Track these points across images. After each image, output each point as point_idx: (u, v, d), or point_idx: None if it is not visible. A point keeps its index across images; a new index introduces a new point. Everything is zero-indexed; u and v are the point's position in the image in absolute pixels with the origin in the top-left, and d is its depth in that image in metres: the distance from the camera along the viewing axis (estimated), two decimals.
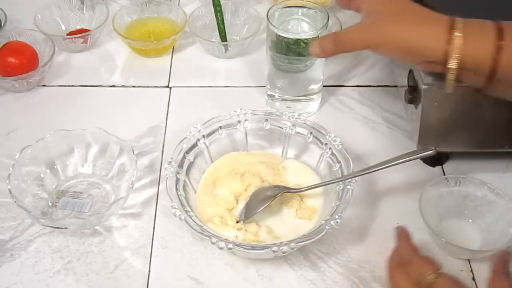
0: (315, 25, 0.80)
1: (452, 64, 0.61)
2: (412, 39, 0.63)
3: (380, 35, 0.64)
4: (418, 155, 0.70)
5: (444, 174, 0.79)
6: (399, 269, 0.61)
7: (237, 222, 0.71)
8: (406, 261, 0.61)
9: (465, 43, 0.60)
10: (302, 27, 0.82)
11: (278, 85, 0.85)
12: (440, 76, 0.64)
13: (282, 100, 0.86)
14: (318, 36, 0.78)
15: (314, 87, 0.85)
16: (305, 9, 0.82)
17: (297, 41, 0.79)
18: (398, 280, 0.61)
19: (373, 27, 0.65)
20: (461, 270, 0.69)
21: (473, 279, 0.69)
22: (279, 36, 0.79)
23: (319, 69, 0.83)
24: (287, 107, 0.86)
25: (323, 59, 0.82)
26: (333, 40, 0.68)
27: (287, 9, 0.82)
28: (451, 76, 0.62)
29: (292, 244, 0.64)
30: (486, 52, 0.59)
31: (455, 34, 0.60)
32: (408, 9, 0.65)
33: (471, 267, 0.70)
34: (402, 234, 0.66)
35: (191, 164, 0.75)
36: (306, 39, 0.78)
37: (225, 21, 0.98)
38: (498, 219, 0.71)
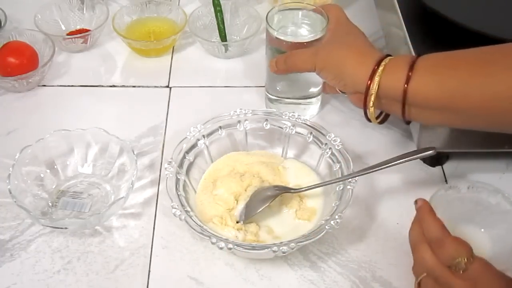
0: (314, 27, 0.80)
1: (371, 96, 0.68)
2: (348, 69, 0.70)
3: (324, 58, 0.73)
4: (418, 155, 0.70)
5: (444, 174, 0.79)
6: (425, 246, 0.58)
7: (237, 222, 0.71)
8: (433, 239, 0.58)
9: (382, 77, 0.67)
10: (301, 30, 0.82)
11: (278, 88, 0.85)
12: None
13: (281, 103, 0.86)
14: (317, 39, 0.78)
15: (314, 90, 0.85)
16: (304, 12, 0.81)
17: (296, 44, 0.78)
18: (426, 259, 0.58)
19: (321, 50, 0.74)
20: None
21: None
22: (278, 38, 0.79)
23: None
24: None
25: None
26: (285, 60, 0.77)
27: (286, 11, 0.82)
28: (371, 108, 0.70)
29: (292, 244, 0.64)
30: (398, 84, 0.66)
31: (378, 70, 0.67)
32: (356, 42, 0.74)
33: None
34: (425, 208, 0.61)
35: (191, 164, 0.75)
36: (305, 42, 0.78)
37: (225, 21, 0.98)
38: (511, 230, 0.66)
